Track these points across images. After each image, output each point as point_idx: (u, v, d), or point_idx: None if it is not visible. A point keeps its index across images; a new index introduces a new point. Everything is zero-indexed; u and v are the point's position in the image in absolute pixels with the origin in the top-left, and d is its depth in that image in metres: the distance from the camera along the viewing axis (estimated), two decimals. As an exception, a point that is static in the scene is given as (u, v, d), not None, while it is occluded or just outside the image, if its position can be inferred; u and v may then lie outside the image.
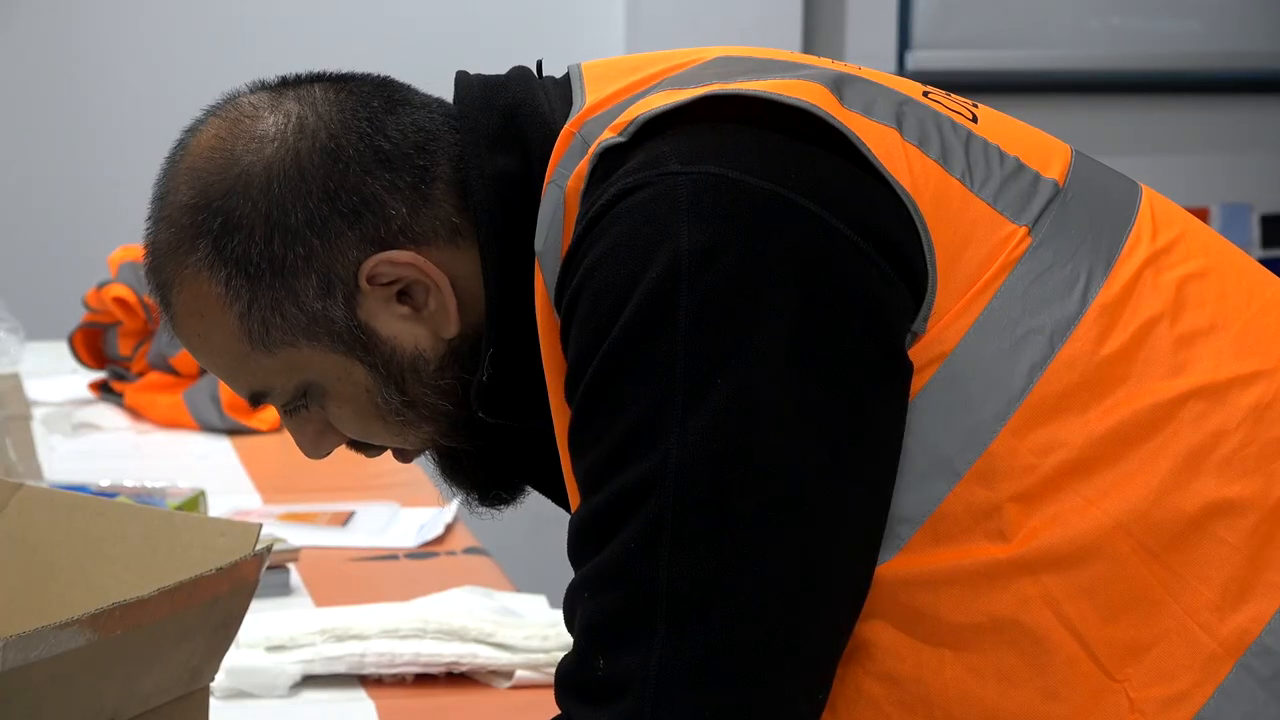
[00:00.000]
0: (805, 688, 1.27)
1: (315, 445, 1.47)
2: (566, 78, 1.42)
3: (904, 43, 4.63)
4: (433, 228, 1.39)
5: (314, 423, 1.45)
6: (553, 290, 1.33)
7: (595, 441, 1.27)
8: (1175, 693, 1.27)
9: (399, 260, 1.38)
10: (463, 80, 1.44)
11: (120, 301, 3.40)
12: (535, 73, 1.45)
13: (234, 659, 1.94)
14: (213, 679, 1.35)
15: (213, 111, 1.44)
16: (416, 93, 1.44)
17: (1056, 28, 4.76)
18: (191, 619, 1.27)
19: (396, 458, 1.50)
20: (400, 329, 1.40)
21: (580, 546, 1.29)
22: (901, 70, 4.57)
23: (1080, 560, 1.27)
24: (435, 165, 1.40)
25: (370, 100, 1.41)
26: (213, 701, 1.38)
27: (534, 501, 1.56)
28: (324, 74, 1.44)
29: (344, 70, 1.45)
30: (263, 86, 1.44)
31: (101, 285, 3.45)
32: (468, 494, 1.49)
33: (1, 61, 4.47)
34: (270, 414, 3.27)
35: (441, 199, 1.40)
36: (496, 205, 1.38)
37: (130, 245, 3.51)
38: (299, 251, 1.38)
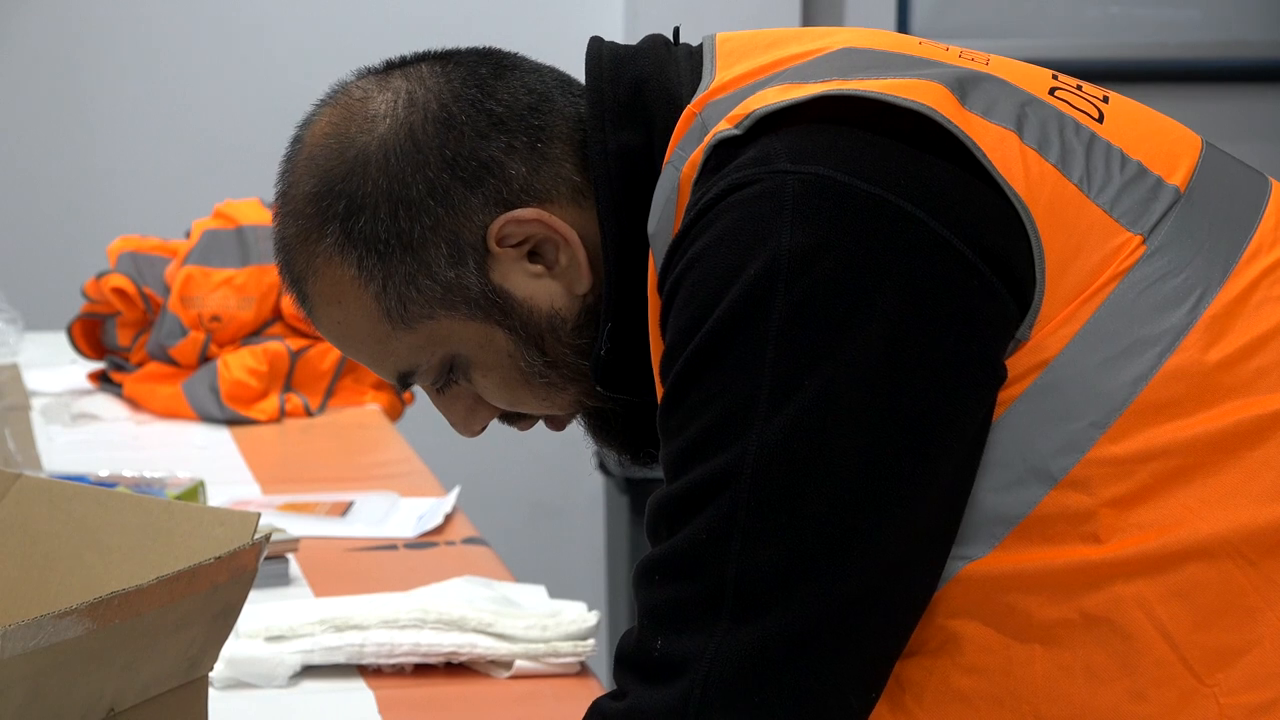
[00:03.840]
0: (858, 686, 1.28)
1: (467, 421, 1.47)
2: (699, 50, 1.42)
3: (902, 32, 4.63)
4: (554, 185, 1.40)
5: (464, 398, 1.46)
6: (659, 273, 1.34)
7: (681, 428, 1.28)
8: (1265, 700, 1.27)
9: (525, 218, 1.39)
10: (594, 49, 1.44)
11: (119, 292, 3.40)
12: (672, 40, 1.46)
13: (233, 649, 1.94)
14: (211, 669, 1.35)
15: (324, 103, 1.45)
16: (524, 59, 1.45)
17: (1054, 17, 4.76)
18: (190, 608, 1.27)
19: (549, 426, 1.50)
20: (535, 288, 1.41)
21: (654, 528, 1.30)
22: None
23: (1176, 565, 1.27)
24: (551, 125, 1.41)
25: (478, 68, 1.42)
26: (212, 691, 1.37)
27: (533, 491, 1.56)
28: (429, 52, 1.45)
29: (448, 47, 1.46)
30: (369, 72, 1.45)
31: (100, 275, 3.45)
32: (619, 453, 1.50)
33: (3, 53, 4.47)
34: (270, 404, 3.28)
35: (561, 158, 1.41)
36: (618, 182, 1.39)
37: (129, 236, 3.51)
38: (425, 222, 1.39)
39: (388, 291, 1.40)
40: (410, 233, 1.38)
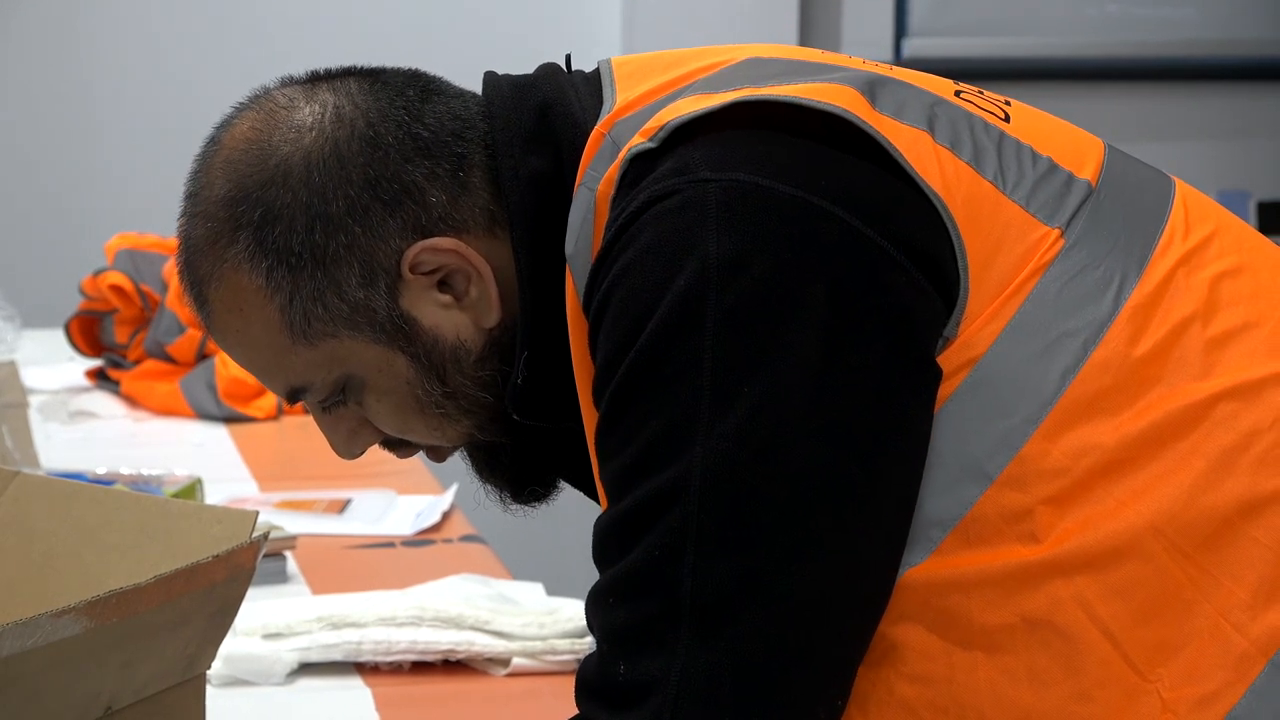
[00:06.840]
0: (825, 694, 1.27)
1: (348, 443, 1.46)
2: (596, 74, 1.41)
3: (900, 30, 4.63)
4: (471, 216, 1.39)
5: (349, 420, 1.44)
6: (582, 294, 1.33)
7: (621, 447, 1.27)
8: (1207, 693, 1.26)
9: (441, 247, 1.38)
10: (491, 80, 1.43)
11: (117, 289, 3.40)
12: (564, 68, 1.45)
13: (230, 646, 1.94)
14: (209, 666, 1.35)
15: (245, 106, 1.43)
16: (448, 83, 1.44)
17: (1053, 15, 4.76)
18: (188, 606, 1.27)
19: (430, 456, 1.48)
20: (442, 318, 1.40)
21: (604, 551, 1.29)
22: (898, 58, 4.56)
23: (1112, 561, 1.27)
24: (472, 153, 1.39)
25: (405, 90, 1.41)
26: (209, 689, 1.38)
27: (530, 488, 1.55)
28: (355, 68, 1.43)
29: (373, 65, 1.44)
30: (294, 81, 1.43)
31: (98, 273, 3.45)
32: (501, 491, 1.49)
33: (3, 49, 4.47)
34: (267, 401, 3.27)
35: (479, 187, 1.39)
36: (530, 207, 1.38)
37: (127, 233, 3.51)
38: (341, 240, 1.37)
39: (293, 305, 1.38)
40: (325, 248, 1.37)
